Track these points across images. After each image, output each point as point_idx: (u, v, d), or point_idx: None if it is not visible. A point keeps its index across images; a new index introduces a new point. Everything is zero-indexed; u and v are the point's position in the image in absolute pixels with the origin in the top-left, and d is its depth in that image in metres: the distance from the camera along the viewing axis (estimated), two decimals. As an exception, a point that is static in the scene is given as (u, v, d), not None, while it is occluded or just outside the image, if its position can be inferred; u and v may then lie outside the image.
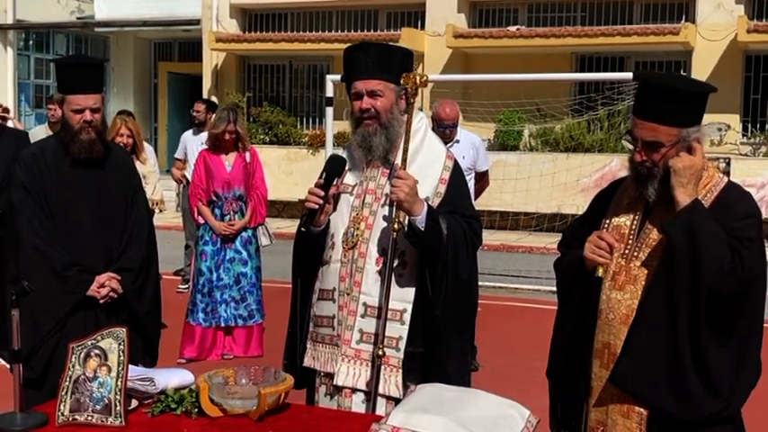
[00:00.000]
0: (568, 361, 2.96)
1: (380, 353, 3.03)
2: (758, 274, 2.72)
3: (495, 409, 2.53)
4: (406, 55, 3.23)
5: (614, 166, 13.78)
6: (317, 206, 3.06)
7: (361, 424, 2.66)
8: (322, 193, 3.06)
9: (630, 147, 2.80)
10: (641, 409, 2.77)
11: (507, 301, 9.22)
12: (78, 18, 20.66)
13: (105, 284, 3.79)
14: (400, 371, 3.09)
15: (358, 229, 3.12)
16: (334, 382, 3.12)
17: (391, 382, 3.07)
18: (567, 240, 3.10)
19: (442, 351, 3.09)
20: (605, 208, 2.98)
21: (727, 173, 13.83)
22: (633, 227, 2.87)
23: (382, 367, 3.06)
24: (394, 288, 3.05)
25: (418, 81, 3.06)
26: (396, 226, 2.99)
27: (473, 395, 2.61)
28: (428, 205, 3.03)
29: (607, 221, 2.94)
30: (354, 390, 3.10)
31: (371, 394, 3.04)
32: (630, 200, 2.91)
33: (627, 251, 2.84)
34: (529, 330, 7.69)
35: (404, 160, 3.04)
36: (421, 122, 3.24)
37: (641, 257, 2.81)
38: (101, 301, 3.79)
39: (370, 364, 3.08)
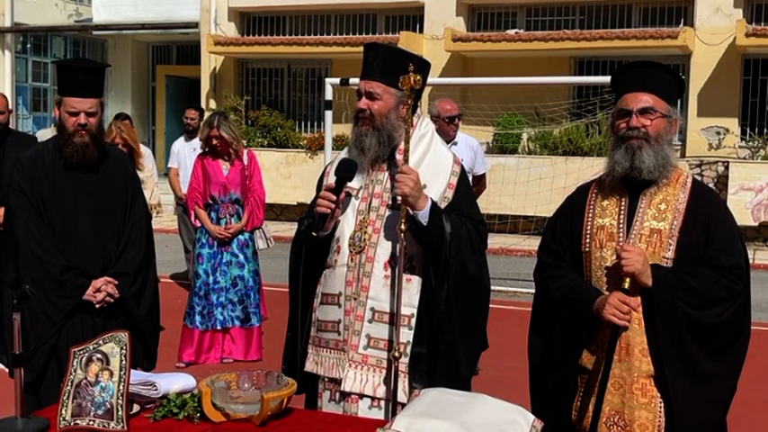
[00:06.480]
0: (568, 361, 3.01)
1: (396, 354, 2.99)
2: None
3: (500, 414, 2.52)
4: (421, 63, 3.13)
5: (613, 169, 13.73)
6: (329, 211, 3.03)
7: (365, 428, 2.65)
8: (335, 198, 3.03)
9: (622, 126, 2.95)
10: (659, 395, 2.87)
11: (506, 304, 9.19)
12: (76, 21, 20.66)
13: (101, 289, 3.78)
14: (407, 375, 3.06)
15: (365, 233, 3.09)
16: (342, 388, 3.09)
17: (399, 386, 3.04)
18: (543, 265, 3.15)
19: (445, 350, 3.05)
20: (581, 212, 3.05)
21: (725, 177, 13.85)
22: (621, 223, 2.96)
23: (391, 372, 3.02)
24: (402, 293, 3.02)
25: (413, 82, 3.04)
26: (402, 227, 2.95)
27: (478, 400, 2.59)
28: (432, 201, 3.01)
29: (589, 225, 3.01)
30: (361, 395, 3.07)
31: (389, 399, 3.00)
32: (610, 199, 3.01)
33: (620, 247, 2.91)
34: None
35: (406, 151, 3.01)
36: (428, 127, 3.23)
37: None
38: (96, 306, 3.78)
39: (376, 369, 3.06)
